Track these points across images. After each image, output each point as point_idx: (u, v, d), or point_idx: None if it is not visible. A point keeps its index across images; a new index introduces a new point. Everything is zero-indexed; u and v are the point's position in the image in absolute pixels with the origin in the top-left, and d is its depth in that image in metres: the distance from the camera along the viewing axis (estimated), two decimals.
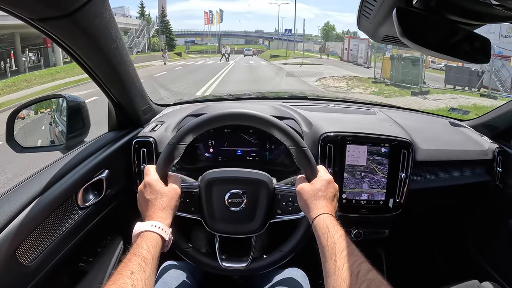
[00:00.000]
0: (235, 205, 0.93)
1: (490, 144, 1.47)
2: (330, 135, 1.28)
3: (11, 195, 0.82)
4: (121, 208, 1.23)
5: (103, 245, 1.18)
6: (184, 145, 0.89)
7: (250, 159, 1.37)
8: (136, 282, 0.61)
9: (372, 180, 1.28)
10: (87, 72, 1.01)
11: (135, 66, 1.15)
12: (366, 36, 0.84)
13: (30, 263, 0.80)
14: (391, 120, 1.49)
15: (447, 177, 1.41)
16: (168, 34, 48.25)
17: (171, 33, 50.42)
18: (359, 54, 26.03)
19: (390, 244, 1.55)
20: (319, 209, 0.79)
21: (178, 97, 8.54)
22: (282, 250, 0.96)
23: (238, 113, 0.91)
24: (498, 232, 1.55)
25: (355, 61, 26.16)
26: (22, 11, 0.70)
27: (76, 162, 1.02)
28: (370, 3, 0.67)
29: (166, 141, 1.08)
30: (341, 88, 13.42)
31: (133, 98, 1.23)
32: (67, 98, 1.18)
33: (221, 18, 62.56)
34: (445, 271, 1.79)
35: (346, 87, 13.76)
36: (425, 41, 0.59)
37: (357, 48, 26.45)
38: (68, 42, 0.85)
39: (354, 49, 27.34)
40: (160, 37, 43.36)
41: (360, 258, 0.66)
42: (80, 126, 1.20)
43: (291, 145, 0.90)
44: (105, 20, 0.85)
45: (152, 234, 0.74)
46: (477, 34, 0.63)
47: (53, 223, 0.89)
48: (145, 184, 0.84)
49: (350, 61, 27.29)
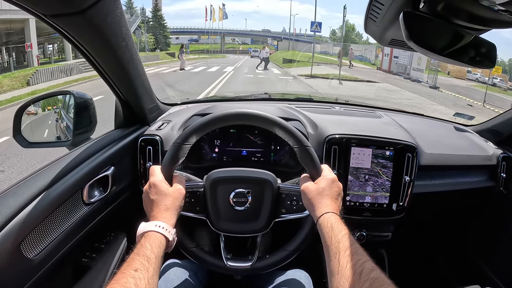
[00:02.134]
0: (240, 205, 0.94)
1: (495, 150, 1.47)
2: (335, 137, 1.28)
3: (17, 189, 0.83)
4: (126, 205, 1.24)
5: (107, 242, 1.19)
6: (189, 145, 0.90)
7: (255, 159, 1.38)
8: (139, 282, 0.62)
9: (376, 183, 1.28)
10: (96, 69, 1.02)
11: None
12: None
13: (34, 257, 0.81)
14: (396, 123, 1.49)
15: (451, 182, 1.41)
16: (162, 31, 42.41)
17: (165, 30, 44.16)
18: (416, 65, 17.76)
19: (393, 247, 1.55)
20: (323, 208, 0.79)
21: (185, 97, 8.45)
22: (287, 249, 0.96)
23: (242, 113, 0.91)
24: (500, 238, 1.54)
25: (402, 73, 18.64)
26: (36, 6, 0.71)
27: (83, 158, 1.03)
28: (377, 7, 0.68)
29: (172, 139, 1.08)
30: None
31: (141, 97, 1.25)
32: (74, 95, 1.20)
33: (224, 14, 56.25)
34: (447, 275, 1.78)
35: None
36: (431, 45, 0.60)
37: (410, 55, 17.72)
38: (79, 38, 0.86)
39: (402, 57, 19.02)
40: (137, 32, 31.56)
41: (363, 257, 0.66)
42: (87, 123, 1.21)
43: (295, 144, 0.90)
44: (116, 18, 0.86)
45: (155, 234, 0.74)
46: (483, 39, 0.64)
47: (58, 218, 0.90)
48: (150, 185, 0.85)
49: (394, 72, 19.48)
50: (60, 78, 14.94)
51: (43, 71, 14.39)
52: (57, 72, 15.29)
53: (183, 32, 59.14)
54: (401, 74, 18.37)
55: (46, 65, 16.49)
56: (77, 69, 16.79)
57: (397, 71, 19.19)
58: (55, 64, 17.69)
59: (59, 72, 15.43)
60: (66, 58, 21.05)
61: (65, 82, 13.95)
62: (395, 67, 19.80)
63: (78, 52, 0.92)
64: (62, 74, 15.52)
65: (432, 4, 0.58)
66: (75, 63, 17.43)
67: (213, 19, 54.24)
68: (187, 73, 18.12)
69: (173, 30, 55.76)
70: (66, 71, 15.96)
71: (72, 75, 15.96)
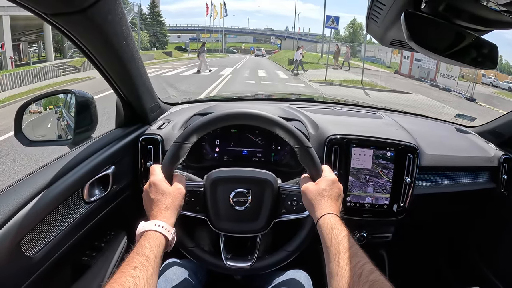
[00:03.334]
0: (240, 204, 0.94)
1: (496, 151, 1.46)
2: (336, 138, 1.28)
3: (17, 187, 0.83)
4: (126, 204, 1.24)
5: (107, 240, 1.19)
6: (189, 145, 0.90)
7: (256, 159, 1.38)
8: (138, 281, 0.61)
9: (377, 184, 1.28)
10: (97, 68, 1.03)
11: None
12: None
13: (34, 255, 0.81)
14: (397, 124, 1.49)
15: (452, 183, 1.40)
16: (159, 29, 39.54)
17: (163, 28, 41.06)
18: (445, 71, 14.28)
19: (393, 248, 1.55)
20: (324, 209, 0.79)
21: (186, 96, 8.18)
22: (286, 250, 0.96)
23: (243, 113, 0.91)
24: (501, 239, 1.54)
25: (424, 78, 15.89)
26: (37, 5, 0.71)
27: (83, 157, 1.04)
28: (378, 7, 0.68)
29: (172, 139, 1.08)
30: None
31: (142, 96, 1.25)
32: (76, 94, 1.20)
33: (224, 11, 54.79)
34: (448, 277, 1.78)
35: None
36: (433, 45, 0.60)
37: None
38: (80, 37, 0.86)
39: (426, 60, 15.94)
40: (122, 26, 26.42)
41: (363, 259, 0.66)
42: (88, 122, 1.21)
43: (295, 145, 0.90)
44: (117, 17, 0.86)
45: (155, 234, 0.74)
46: (485, 40, 0.63)
47: (59, 216, 0.90)
48: (150, 184, 0.85)
49: (416, 77, 16.71)
50: (27, 84, 12.02)
51: (6, 77, 11.33)
52: (27, 76, 12.56)
53: (182, 30, 57.76)
54: (425, 80, 15.77)
55: (21, 68, 13.84)
56: (54, 73, 14.50)
57: (419, 76, 16.56)
58: (31, 66, 15.02)
59: (30, 76, 12.76)
60: (48, 59, 18.92)
61: (30, 90, 10.73)
62: (416, 71, 17.01)
63: (79, 50, 0.92)
64: (34, 78, 12.93)
65: (433, 5, 0.58)
66: (50, 65, 15.38)
67: (213, 15, 53.03)
68: (173, 78, 14.48)
69: (172, 28, 54.39)
70: (39, 75, 13.36)
71: (47, 79, 13.39)
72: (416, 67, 17.14)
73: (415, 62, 17.20)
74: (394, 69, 20.73)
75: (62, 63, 16.99)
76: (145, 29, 36.64)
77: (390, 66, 22.59)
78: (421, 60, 16.78)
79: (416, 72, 17.06)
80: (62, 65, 16.53)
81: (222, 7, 53.94)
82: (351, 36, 47.77)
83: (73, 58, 19.04)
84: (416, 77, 16.70)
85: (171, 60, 28.36)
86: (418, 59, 17.16)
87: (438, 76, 14.82)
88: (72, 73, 15.85)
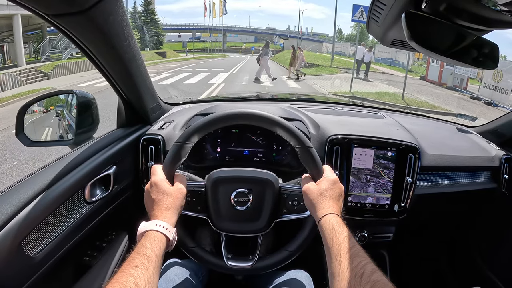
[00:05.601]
0: (241, 204, 0.94)
1: (497, 151, 1.46)
2: (337, 138, 1.28)
3: (19, 187, 0.83)
4: (128, 204, 1.24)
5: (108, 240, 1.19)
6: (190, 145, 0.90)
7: (257, 159, 1.38)
8: (138, 280, 0.62)
9: (378, 184, 1.28)
10: (99, 68, 1.03)
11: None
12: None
13: (36, 255, 0.81)
14: (398, 124, 1.49)
15: (453, 183, 1.40)
16: (153, 28, 37.09)
17: (157, 27, 38.58)
18: (491, 81, 11.08)
19: (395, 248, 1.55)
20: (325, 209, 0.79)
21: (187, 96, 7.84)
22: (287, 249, 0.96)
23: (244, 113, 0.91)
24: (503, 240, 1.54)
25: (457, 87, 13.31)
26: (38, 6, 0.71)
27: (85, 157, 1.04)
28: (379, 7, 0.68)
29: (174, 139, 1.09)
30: None
31: (143, 96, 1.25)
32: (77, 94, 1.20)
33: (224, 10, 52.70)
34: (449, 277, 1.77)
35: None
36: (433, 45, 0.60)
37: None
38: (81, 38, 0.86)
39: (461, 70, 12.91)
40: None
41: (365, 259, 0.66)
42: (89, 122, 1.22)
43: (297, 145, 0.90)
44: (119, 18, 0.86)
45: (156, 233, 0.74)
46: (486, 39, 0.64)
47: (60, 216, 0.90)
48: (151, 184, 0.85)
49: (449, 86, 13.80)
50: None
51: None
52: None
53: (181, 29, 56.30)
54: (458, 89, 13.28)
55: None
56: (15, 82, 12.18)
57: (452, 85, 13.79)
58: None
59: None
60: (18, 64, 16.22)
61: None
62: (449, 78, 14.00)
63: (81, 51, 0.93)
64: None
65: (434, 4, 0.58)
66: (11, 72, 12.73)
67: (213, 14, 51.43)
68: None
69: (167, 27, 52.34)
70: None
71: (4, 91, 11.07)
72: (448, 73, 14.16)
73: (447, 68, 14.13)
74: (416, 73, 17.72)
75: (30, 69, 14.97)
76: (136, 27, 33.75)
77: (411, 70, 18.47)
78: (454, 66, 12.55)
79: (448, 79, 14.17)
80: (29, 71, 14.56)
81: (222, 4, 52.20)
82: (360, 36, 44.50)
83: (47, 62, 17.11)
84: (449, 85, 13.91)
85: (161, 62, 25.63)
86: (451, 64, 11.79)
87: (481, 86, 11.94)
88: (39, 80, 13.91)
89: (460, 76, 13.48)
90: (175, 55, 34.76)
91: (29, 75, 13.96)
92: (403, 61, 19.02)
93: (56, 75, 14.78)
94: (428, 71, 15.89)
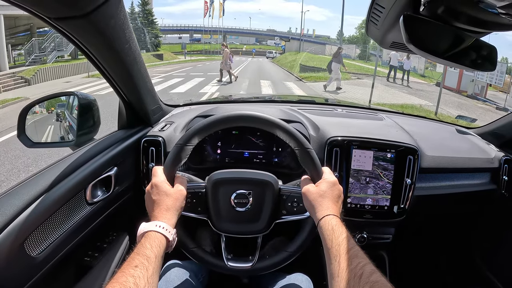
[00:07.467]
0: (241, 206, 0.94)
1: (497, 153, 1.46)
2: (337, 139, 1.29)
3: (21, 188, 0.84)
4: (128, 205, 1.25)
5: (109, 241, 1.20)
6: (191, 146, 0.91)
7: (257, 161, 1.38)
8: (138, 280, 0.62)
9: (377, 186, 1.28)
10: (100, 70, 1.04)
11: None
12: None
13: (38, 255, 0.82)
14: (398, 126, 1.49)
15: (453, 185, 1.40)
16: (150, 29, 35.78)
17: (154, 28, 37.44)
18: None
19: (394, 250, 1.55)
20: (324, 210, 0.80)
21: (188, 98, 7.51)
22: (287, 250, 0.97)
23: (244, 115, 0.92)
24: (502, 241, 1.54)
25: (478, 95, 12.36)
26: (41, 10, 0.72)
27: (86, 158, 1.04)
28: (378, 10, 0.69)
29: (174, 141, 1.09)
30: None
31: (144, 98, 1.26)
32: (78, 96, 1.21)
33: (223, 11, 51.79)
34: (449, 278, 1.78)
35: None
36: (432, 48, 0.60)
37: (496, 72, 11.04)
38: (83, 41, 0.87)
39: (483, 76, 12.02)
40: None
41: (364, 260, 0.66)
42: (90, 124, 1.22)
43: (296, 146, 0.91)
44: (120, 21, 0.87)
45: (156, 234, 0.75)
46: (484, 42, 0.64)
47: (62, 217, 0.91)
48: (152, 185, 0.86)
49: (470, 94, 12.73)
50: None
51: None
52: None
53: (179, 30, 55.52)
54: (479, 98, 12.17)
55: None
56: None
57: (472, 92, 12.62)
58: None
59: None
60: (0, 68, 14.46)
61: None
62: (470, 86, 12.85)
63: (82, 54, 0.93)
64: None
65: (432, 7, 0.58)
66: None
67: (215, 14, 50.46)
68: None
69: (168, 29, 52.01)
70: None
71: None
72: (468, 80, 13.04)
73: (467, 74, 13.04)
74: (430, 79, 16.80)
75: (10, 74, 13.77)
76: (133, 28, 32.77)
77: (424, 75, 18.28)
78: (475, 71, 10.03)
79: (468, 86, 13.06)
80: (10, 75, 13.48)
81: (221, 6, 51.53)
82: (363, 38, 41.57)
83: (30, 67, 15.55)
84: (469, 93, 12.78)
85: (156, 65, 24.03)
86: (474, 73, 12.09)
87: (509, 96, 10.92)
88: (19, 87, 12.74)
89: (481, 83, 12.47)
90: (172, 57, 33.71)
91: (7, 81, 12.70)
92: (415, 65, 17.70)
93: (37, 81, 13.62)
94: (445, 77, 12.89)
